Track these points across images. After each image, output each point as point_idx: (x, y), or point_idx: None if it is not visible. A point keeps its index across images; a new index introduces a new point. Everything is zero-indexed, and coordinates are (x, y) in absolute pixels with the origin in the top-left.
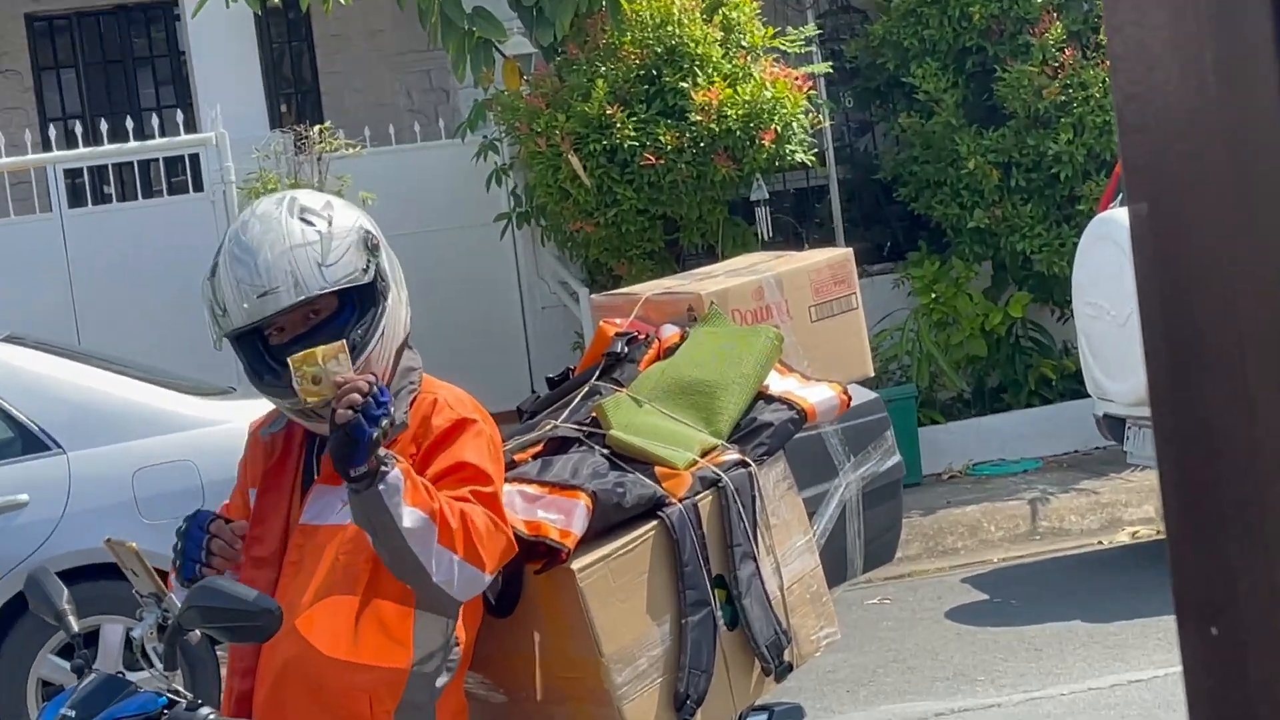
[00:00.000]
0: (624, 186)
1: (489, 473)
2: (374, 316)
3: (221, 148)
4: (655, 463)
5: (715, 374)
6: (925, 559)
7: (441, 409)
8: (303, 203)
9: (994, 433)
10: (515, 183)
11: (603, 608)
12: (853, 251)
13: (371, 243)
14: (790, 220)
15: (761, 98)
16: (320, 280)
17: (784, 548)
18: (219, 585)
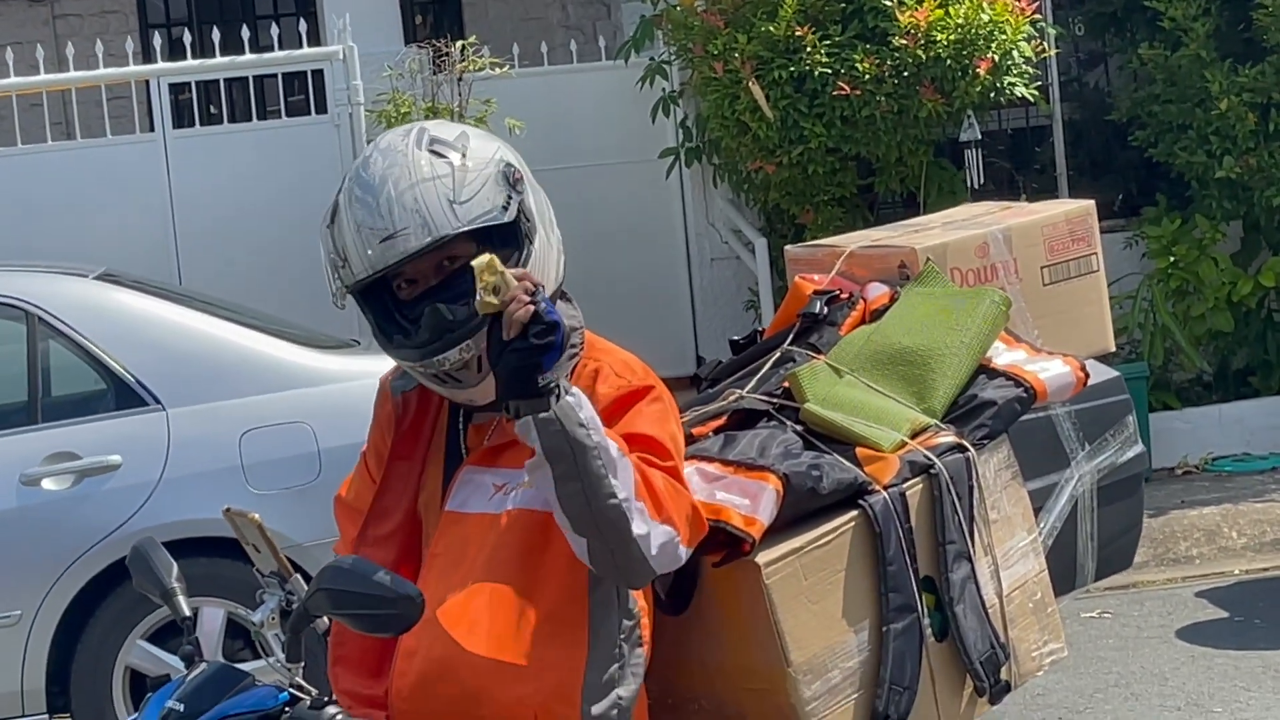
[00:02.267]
0: (812, 121)
1: (669, 448)
2: (518, 261)
3: (349, 64)
4: (857, 443)
5: (930, 342)
6: (1154, 568)
7: (607, 377)
8: (433, 133)
9: (1238, 422)
10: (685, 113)
11: (791, 610)
12: (1094, 204)
13: (514, 176)
14: (1006, 166)
15: (977, 20)
16: (452, 220)
17: (1004, 547)
18: (352, 565)
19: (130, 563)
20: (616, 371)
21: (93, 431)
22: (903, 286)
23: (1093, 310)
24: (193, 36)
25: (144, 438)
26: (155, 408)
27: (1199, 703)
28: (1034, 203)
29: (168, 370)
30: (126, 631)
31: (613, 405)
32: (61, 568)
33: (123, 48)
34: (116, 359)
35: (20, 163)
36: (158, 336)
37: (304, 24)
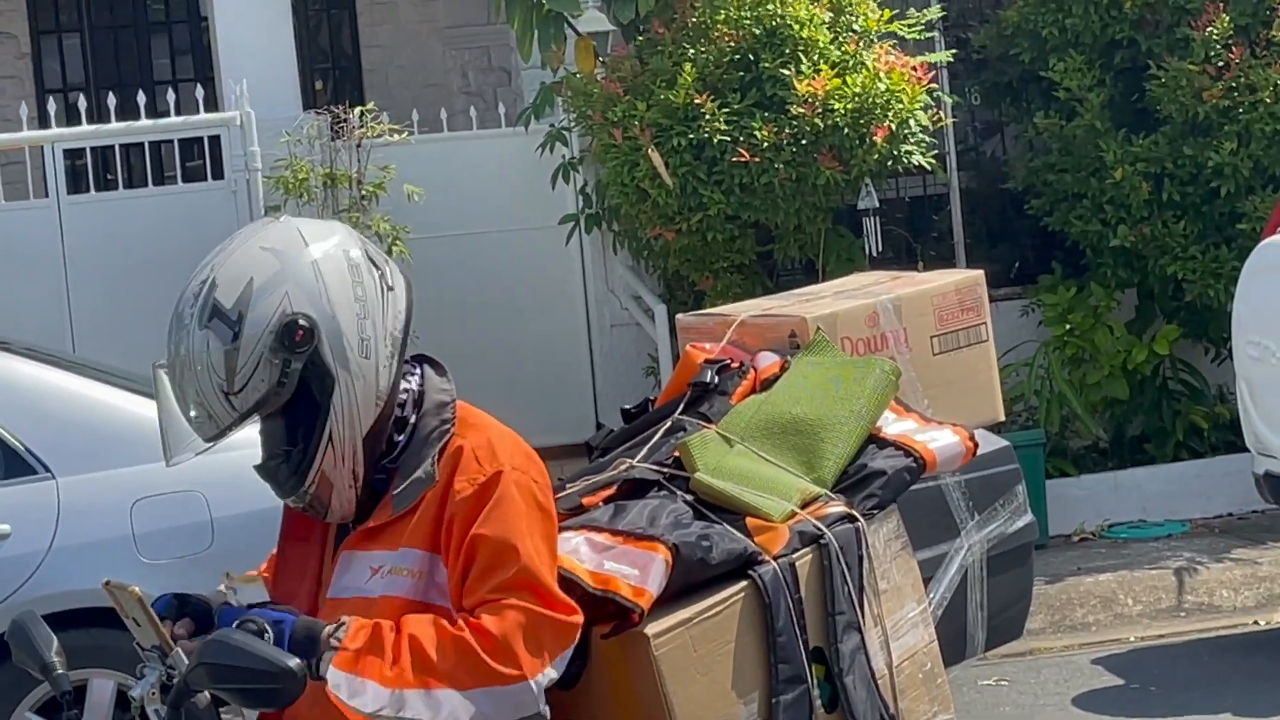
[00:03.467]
0: (711, 188)
1: (517, 549)
2: (315, 426)
3: (247, 129)
4: (747, 513)
5: (820, 411)
6: (1051, 634)
7: (467, 464)
8: (217, 298)
9: (1134, 489)
10: (585, 180)
11: (681, 682)
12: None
13: (295, 336)
14: (903, 234)
15: (874, 90)
16: (229, 412)
17: (894, 618)
18: (234, 639)
19: (9, 637)
20: (478, 457)
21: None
22: (793, 356)
23: (982, 379)
24: (89, 102)
25: (33, 506)
26: (45, 476)
27: None
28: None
29: (58, 438)
30: (14, 703)
31: (466, 508)
32: None
33: (17, 113)
34: (5, 427)
35: None
36: (48, 404)
37: (201, 90)
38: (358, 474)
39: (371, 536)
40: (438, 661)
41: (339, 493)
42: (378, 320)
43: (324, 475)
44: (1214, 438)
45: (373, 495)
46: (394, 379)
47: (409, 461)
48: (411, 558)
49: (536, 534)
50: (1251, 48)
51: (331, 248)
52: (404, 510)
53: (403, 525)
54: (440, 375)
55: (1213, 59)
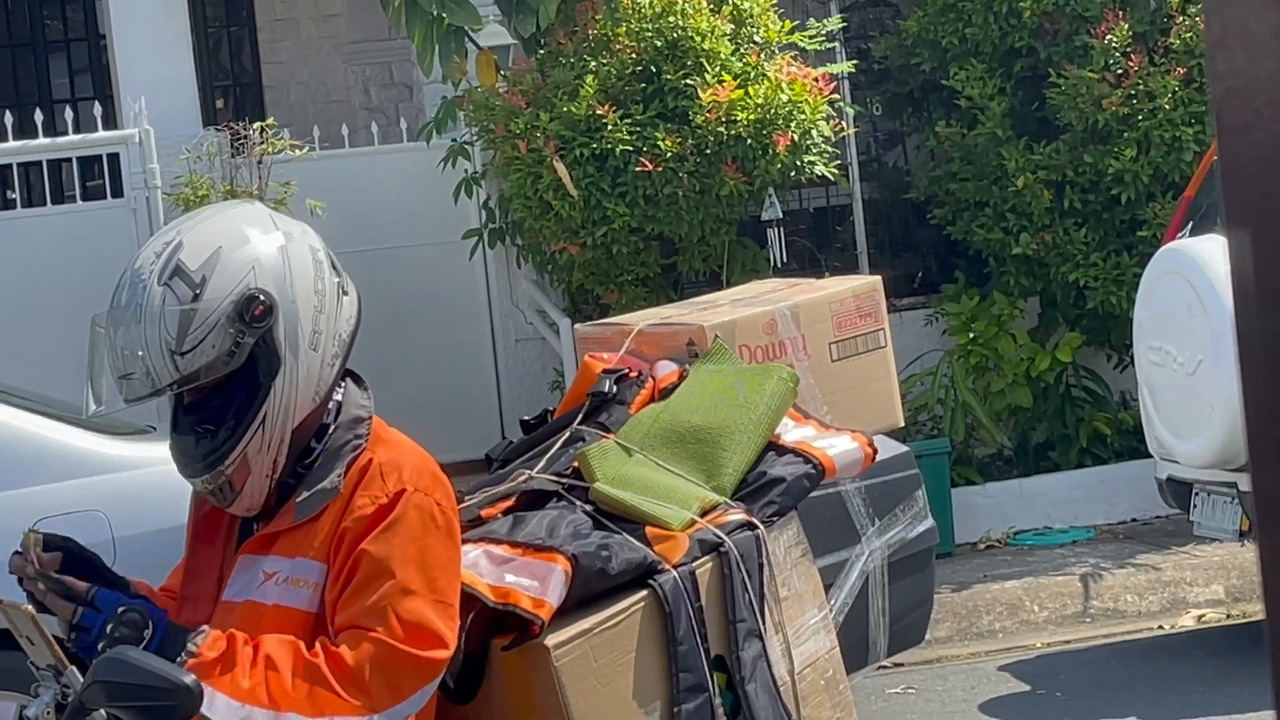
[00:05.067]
0: (615, 200)
1: (394, 573)
2: (251, 404)
3: (146, 147)
4: (646, 522)
5: (719, 419)
6: (957, 642)
7: (371, 481)
8: (181, 258)
9: (1039, 496)
10: (488, 194)
11: (582, 692)
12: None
13: (255, 311)
14: (807, 244)
15: (776, 100)
16: (171, 371)
17: (795, 625)
18: (129, 656)
19: None
20: (383, 474)
21: None
22: (691, 364)
23: (881, 385)
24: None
25: None
26: None
27: None
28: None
29: None
30: None
31: (362, 526)
32: None
33: None
34: None
35: None
36: None
37: (100, 108)
38: (278, 464)
39: (269, 542)
40: (290, 686)
41: (253, 480)
42: (331, 318)
43: (245, 458)
44: (1117, 444)
45: (278, 500)
46: (333, 380)
47: (318, 471)
48: (310, 569)
49: (425, 561)
50: (1150, 55)
51: (299, 237)
52: (304, 519)
53: (301, 534)
54: (361, 390)
55: (1112, 67)
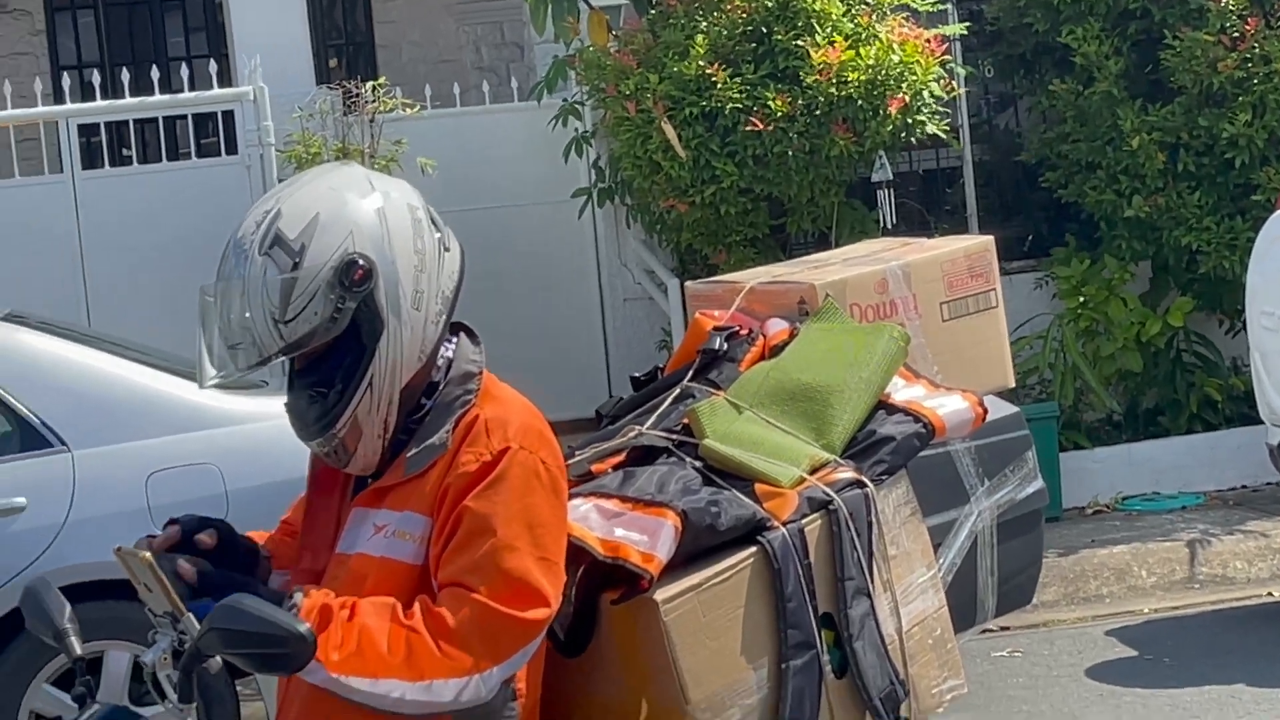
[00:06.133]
0: (724, 160)
1: (495, 531)
2: (357, 368)
3: (260, 105)
4: (756, 479)
5: (829, 378)
6: (1064, 606)
7: (477, 437)
8: (280, 226)
9: (1148, 462)
10: (598, 153)
11: (690, 647)
12: (993, 240)
13: (354, 276)
14: (917, 206)
15: (888, 61)
16: (276, 340)
17: (904, 584)
18: (246, 604)
19: (22, 604)
20: (489, 431)
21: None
22: (802, 322)
23: (992, 346)
24: (103, 78)
25: (49, 480)
26: (60, 449)
27: None
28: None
29: (73, 412)
30: (31, 675)
31: (466, 482)
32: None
33: (32, 89)
34: (21, 400)
35: None
36: (64, 378)
37: (215, 65)
38: (389, 424)
39: (380, 496)
40: (387, 653)
41: (366, 441)
42: (433, 276)
43: (356, 420)
44: (1228, 410)
45: (391, 455)
46: (439, 338)
47: (427, 427)
48: (415, 523)
49: (528, 518)
50: (1266, 19)
51: (397, 198)
52: (414, 474)
53: (410, 489)
54: (473, 345)
55: (1228, 30)
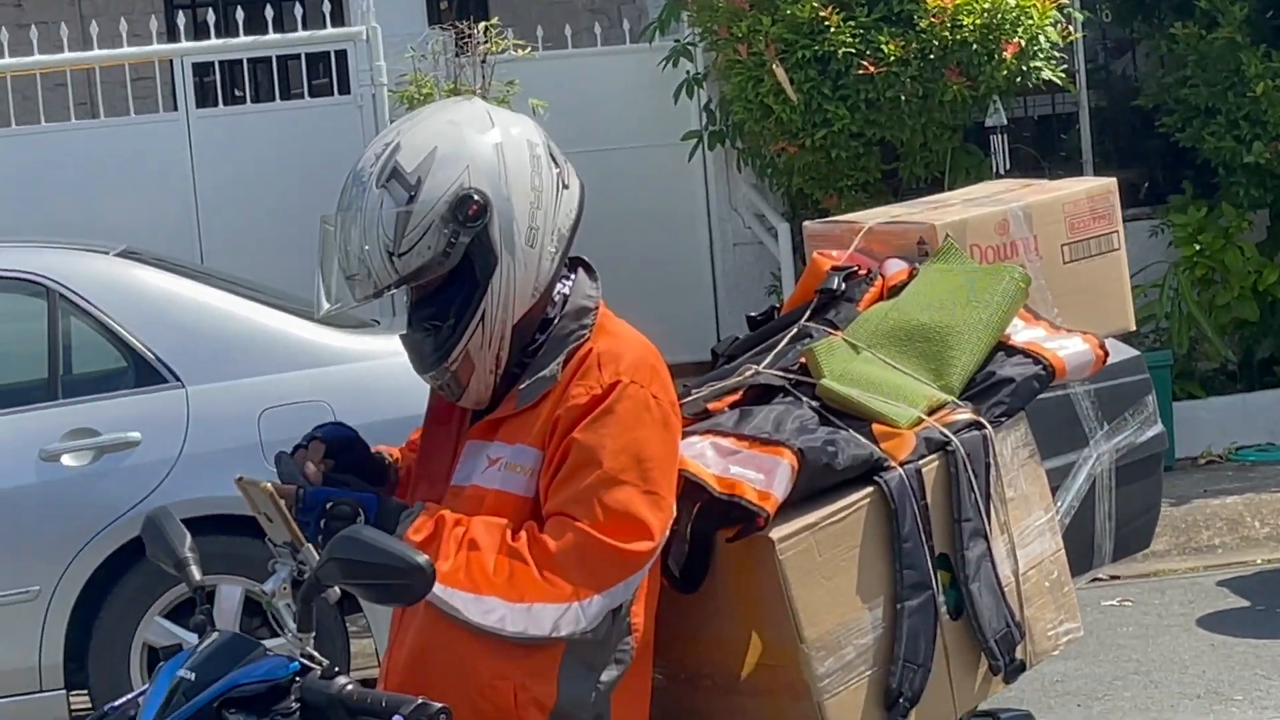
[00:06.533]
0: (837, 104)
1: (601, 462)
2: (470, 302)
3: (373, 44)
4: (873, 419)
5: (948, 319)
6: (1175, 556)
7: (588, 370)
8: (399, 159)
9: (1262, 412)
10: (709, 96)
11: (805, 586)
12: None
13: (469, 211)
14: (1031, 152)
15: (1003, 5)
16: (390, 273)
17: (1021, 526)
18: (365, 535)
19: (144, 533)
20: (600, 364)
21: (112, 408)
22: (921, 263)
23: (1113, 289)
24: (217, 16)
25: (163, 415)
26: (175, 385)
27: (1218, 690)
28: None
29: (188, 348)
30: (144, 608)
31: (577, 413)
32: (80, 544)
33: (147, 27)
34: (136, 336)
35: (44, 141)
36: (178, 314)
37: (328, 4)
38: (501, 360)
39: (494, 428)
40: (491, 570)
41: (479, 376)
42: (549, 213)
43: (468, 355)
44: None
45: (505, 388)
46: (553, 275)
47: (540, 360)
48: (527, 455)
49: (635, 451)
50: None
51: (516, 134)
52: (526, 406)
53: (522, 421)
54: (590, 280)
55: None
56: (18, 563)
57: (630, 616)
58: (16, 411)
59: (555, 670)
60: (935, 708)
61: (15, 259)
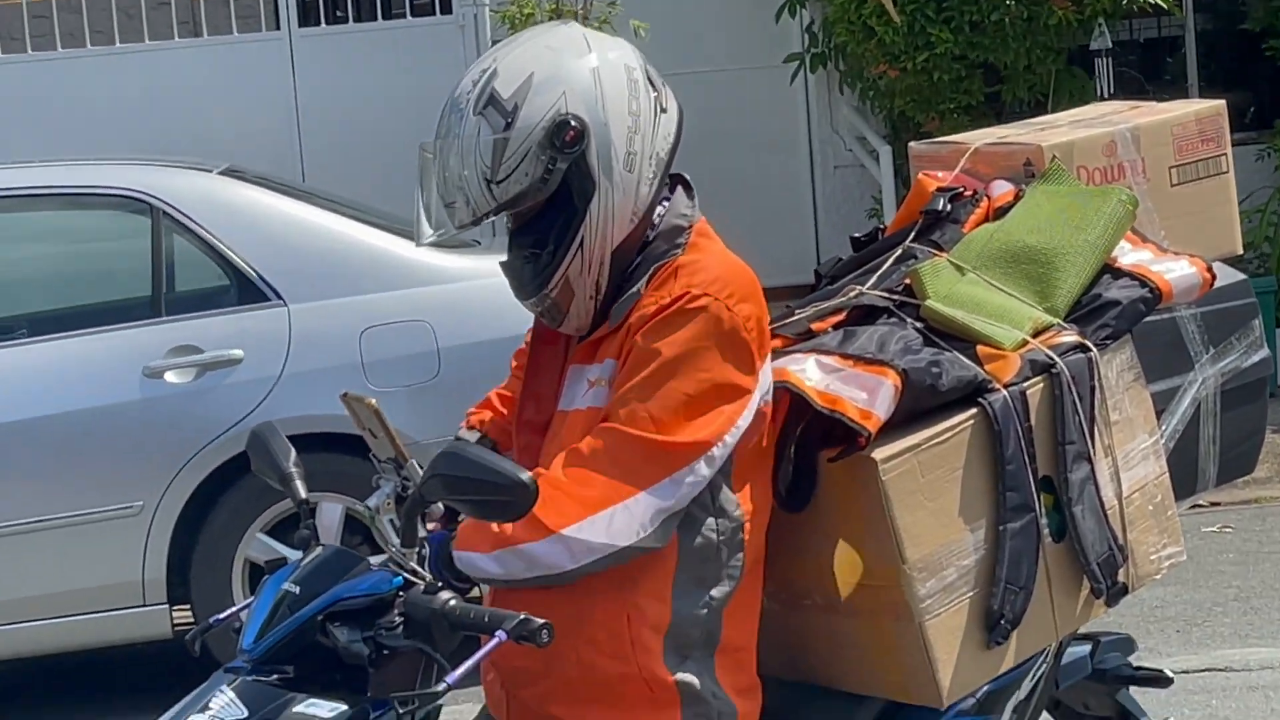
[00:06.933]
0: (940, 27)
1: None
2: (569, 229)
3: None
4: (978, 341)
5: (1054, 240)
6: (1276, 483)
7: (664, 281)
8: (495, 87)
9: None
10: (811, 18)
11: (907, 507)
12: (1224, 104)
13: (566, 136)
14: (1136, 75)
15: None
16: (489, 200)
17: (1125, 449)
18: (468, 451)
19: (249, 447)
20: (676, 276)
21: (215, 326)
22: (1028, 184)
23: (1221, 212)
24: None
25: (266, 333)
26: (277, 303)
27: None
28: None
29: (290, 266)
30: (246, 524)
31: (642, 321)
32: (182, 460)
33: None
34: (239, 254)
35: (147, 60)
36: (280, 232)
37: None
38: (600, 285)
39: (592, 350)
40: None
41: (578, 302)
42: (647, 137)
43: (567, 281)
44: None
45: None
46: (652, 199)
47: (633, 279)
48: (609, 368)
49: (694, 360)
50: None
51: (613, 59)
52: (616, 324)
53: (613, 338)
54: (687, 199)
55: None
56: (121, 478)
57: (741, 534)
58: (121, 328)
59: (668, 590)
60: (1036, 630)
61: (119, 177)
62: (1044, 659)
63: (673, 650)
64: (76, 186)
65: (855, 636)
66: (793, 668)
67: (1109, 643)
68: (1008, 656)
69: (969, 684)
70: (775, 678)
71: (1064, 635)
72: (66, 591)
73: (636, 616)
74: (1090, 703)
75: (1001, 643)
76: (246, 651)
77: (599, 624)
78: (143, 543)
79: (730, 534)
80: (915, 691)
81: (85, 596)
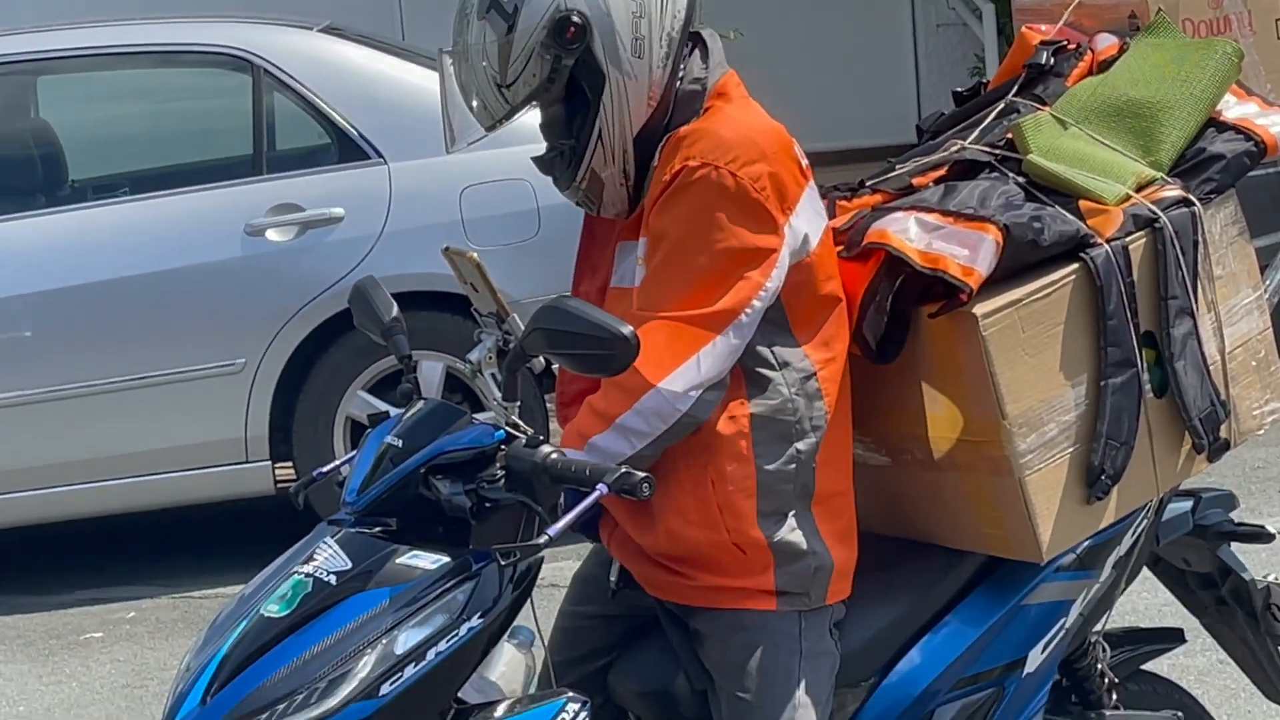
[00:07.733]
0: None
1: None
2: (586, 123)
3: None
4: (1080, 195)
5: (1159, 93)
6: None
7: (669, 154)
8: None
9: None
10: None
11: (1008, 362)
12: None
13: (566, 33)
14: None
15: None
16: (502, 105)
17: (1228, 304)
18: (570, 306)
19: (351, 301)
20: (679, 148)
21: (316, 184)
22: (1132, 37)
23: None
24: None
25: (366, 191)
26: (377, 161)
27: None
28: None
29: (390, 124)
30: (347, 382)
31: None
32: (284, 318)
33: None
34: (340, 112)
35: None
36: (381, 90)
37: None
38: (629, 173)
39: (635, 227)
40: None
41: (610, 190)
42: (654, 19)
43: (593, 172)
44: None
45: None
46: (668, 79)
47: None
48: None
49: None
50: None
51: None
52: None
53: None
54: (701, 62)
55: None
56: (224, 336)
57: (818, 382)
58: (222, 186)
59: (749, 450)
60: (1137, 486)
61: (220, 34)
62: (1145, 515)
63: (767, 510)
64: (177, 44)
65: (954, 491)
66: (890, 523)
67: (1210, 499)
68: (1108, 512)
69: (1069, 539)
70: (872, 532)
71: (1165, 491)
72: (170, 448)
73: (720, 481)
74: (1191, 559)
75: (1102, 498)
76: (350, 504)
77: (687, 492)
78: (245, 400)
79: (800, 385)
80: (1014, 547)
81: (189, 453)
